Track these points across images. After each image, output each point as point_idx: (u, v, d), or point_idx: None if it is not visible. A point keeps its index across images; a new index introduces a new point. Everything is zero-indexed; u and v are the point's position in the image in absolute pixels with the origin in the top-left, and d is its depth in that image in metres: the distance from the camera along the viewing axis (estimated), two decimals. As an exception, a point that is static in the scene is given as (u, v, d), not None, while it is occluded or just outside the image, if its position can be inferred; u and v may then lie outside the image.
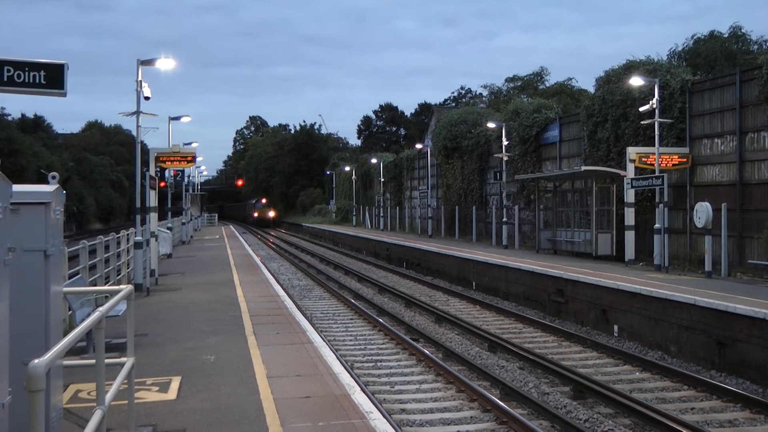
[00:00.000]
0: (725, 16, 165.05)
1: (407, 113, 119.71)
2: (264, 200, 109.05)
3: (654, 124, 24.31)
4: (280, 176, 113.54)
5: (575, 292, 21.41)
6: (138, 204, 22.57)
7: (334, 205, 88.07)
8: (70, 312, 12.18)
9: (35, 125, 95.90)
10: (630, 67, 28.62)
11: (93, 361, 5.91)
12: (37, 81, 9.44)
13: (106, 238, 19.76)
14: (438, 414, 11.87)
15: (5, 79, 9.33)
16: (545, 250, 31.88)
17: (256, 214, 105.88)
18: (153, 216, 23.49)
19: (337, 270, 38.07)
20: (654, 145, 24.37)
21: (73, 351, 10.70)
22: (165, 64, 21.10)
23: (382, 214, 62.80)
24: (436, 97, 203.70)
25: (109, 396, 6.02)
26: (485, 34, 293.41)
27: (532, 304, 24.00)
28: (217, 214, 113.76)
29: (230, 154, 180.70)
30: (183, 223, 51.39)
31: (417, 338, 18.21)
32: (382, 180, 64.31)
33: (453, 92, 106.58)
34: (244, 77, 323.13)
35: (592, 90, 36.01)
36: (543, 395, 12.87)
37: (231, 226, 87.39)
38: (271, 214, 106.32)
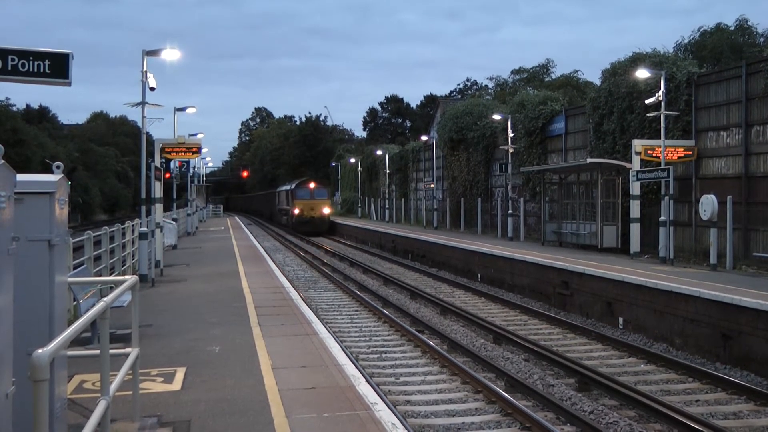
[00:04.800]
0: (730, 9, 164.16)
1: (413, 105, 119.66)
2: (312, 185, 64.48)
3: (660, 116, 24.25)
4: (286, 168, 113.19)
5: (580, 284, 21.38)
6: (143, 195, 22.59)
7: (340, 196, 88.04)
8: (75, 302, 12.20)
9: (40, 116, 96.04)
10: (636, 60, 28.51)
11: (97, 351, 5.91)
12: (42, 70, 9.42)
13: (111, 229, 19.78)
14: (443, 405, 11.87)
15: (9, 68, 9.31)
16: (550, 243, 31.85)
17: (297, 210, 62.45)
18: (158, 207, 23.50)
19: (342, 261, 38.06)
20: (660, 138, 24.33)
21: (77, 341, 10.72)
22: (170, 55, 21.09)
23: (387, 206, 62.73)
24: (441, 90, 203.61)
25: (113, 386, 6.03)
26: (489, 27, 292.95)
27: (537, 296, 23.99)
28: (222, 206, 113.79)
29: (236, 146, 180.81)
30: (188, 215, 51.41)
31: (422, 330, 18.21)
32: (388, 172, 64.26)
33: (459, 84, 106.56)
34: (249, 69, 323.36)
35: (597, 82, 35.96)
36: (548, 387, 12.87)
37: (236, 218, 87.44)
38: (327, 210, 63.99)
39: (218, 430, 7.47)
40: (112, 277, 16.77)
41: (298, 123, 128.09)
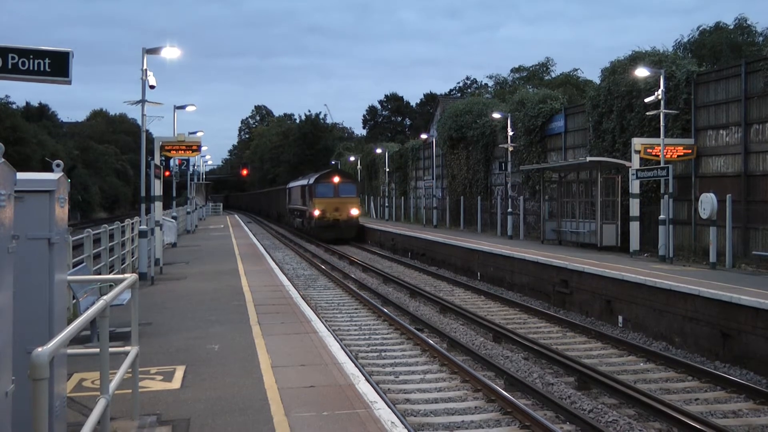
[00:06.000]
0: (729, 8, 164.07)
1: (413, 103, 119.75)
2: (337, 178, 51.02)
3: (659, 115, 24.26)
4: (286, 166, 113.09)
5: (580, 282, 21.38)
6: (143, 193, 22.58)
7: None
8: (75, 301, 12.19)
9: (40, 113, 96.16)
10: (636, 58, 28.53)
11: (97, 350, 5.91)
12: (42, 69, 9.43)
13: (111, 227, 19.76)
14: (442, 404, 11.88)
15: (10, 66, 9.32)
16: (550, 241, 31.85)
17: (317, 212, 49.48)
18: (158, 205, 23.50)
19: (341, 260, 38.06)
20: (659, 136, 24.32)
21: (77, 340, 10.71)
22: (170, 53, 21.09)
23: (387, 204, 62.72)
24: (441, 88, 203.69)
25: (113, 385, 6.03)
26: (489, 25, 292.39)
27: (537, 294, 23.99)
28: (222, 204, 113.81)
29: (235, 144, 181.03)
30: (188, 213, 51.41)
31: (422, 328, 18.21)
32: (388, 170, 64.26)
33: (458, 83, 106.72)
34: (248, 67, 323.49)
35: (597, 81, 35.96)
36: (547, 385, 12.87)
37: (236, 216, 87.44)
38: (355, 211, 50.48)
39: (218, 429, 7.48)
40: (111, 276, 16.77)
41: (297, 121, 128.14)
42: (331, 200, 49.52)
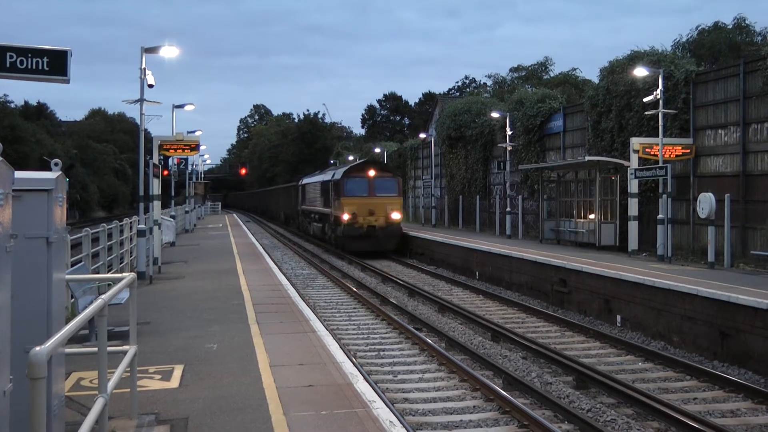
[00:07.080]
0: (728, 8, 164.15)
1: (411, 103, 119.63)
2: (373, 172, 39.19)
3: (658, 114, 24.25)
4: (284, 165, 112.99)
5: (578, 282, 21.38)
6: (141, 192, 22.57)
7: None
8: (73, 300, 12.19)
9: (38, 112, 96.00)
10: (634, 58, 28.55)
11: (95, 349, 5.90)
12: (41, 67, 9.43)
13: (109, 226, 19.76)
14: (441, 403, 11.87)
15: (8, 65, 9.32)
16: (549, 240, 31.85)
17: (347, 216, 37.90)
18: (156, 204, 23.48)
19: (340, 259, 38.01)
20: (658, 136, 24.32)
21: (75, 339, 10.72)
22: (169, 52, 21.07)
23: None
24: (440, 87, 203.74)
25: (111, 384, 6.02)
26: (487, 25, 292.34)
27: (536, 293, 23.99)
28: (220, 203, 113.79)
29: (234, 143, 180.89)
30: (186, 212, 51.39)
31: (420, 327, 18.20)
32: (386, 169, 64.19)
33: (457, 82, 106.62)
34: (247, 66, 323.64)
35: (596, 80, 35.96)
36: (546, 385, 12.87)
37: (234, 215, 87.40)
38: (397, 215, 38.67)
39: (216, 428, 7.47)
40: (110, 275, 16.75)
41: (296, 120, 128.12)
42: (364, 200, 38.36)
